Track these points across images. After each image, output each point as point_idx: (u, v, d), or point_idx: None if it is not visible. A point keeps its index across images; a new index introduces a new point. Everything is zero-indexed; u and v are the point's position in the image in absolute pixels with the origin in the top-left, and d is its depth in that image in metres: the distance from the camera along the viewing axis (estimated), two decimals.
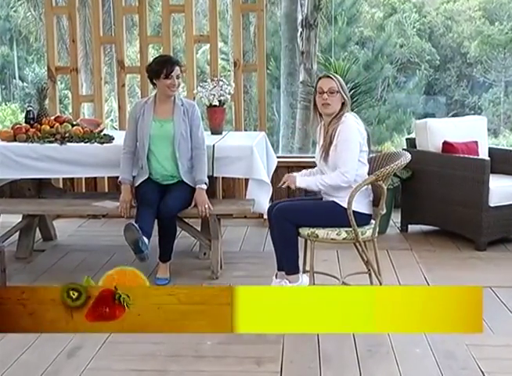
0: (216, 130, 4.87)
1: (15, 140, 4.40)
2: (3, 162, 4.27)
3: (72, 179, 5.67)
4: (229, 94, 4.88)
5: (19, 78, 13.63)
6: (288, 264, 3.59)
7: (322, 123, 3.67)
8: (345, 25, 12.21)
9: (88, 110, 8.25)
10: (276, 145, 10.04)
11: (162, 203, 3.94)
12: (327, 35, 11.56)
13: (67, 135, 4.41)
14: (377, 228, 3.55)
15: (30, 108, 4.77)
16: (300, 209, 3.59)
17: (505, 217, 4.70)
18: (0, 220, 4.45)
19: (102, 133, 4.56)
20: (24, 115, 4.79)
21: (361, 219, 3.48)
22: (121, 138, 4.21)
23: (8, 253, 4.17)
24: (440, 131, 5.02)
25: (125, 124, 4.93)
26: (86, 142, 4.39)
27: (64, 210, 4.47)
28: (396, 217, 5.25)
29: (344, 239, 3.49)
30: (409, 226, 5.21)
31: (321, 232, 3.47)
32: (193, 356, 3.04)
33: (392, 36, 12.97)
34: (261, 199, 4.26)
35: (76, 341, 3.16)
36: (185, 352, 3.07)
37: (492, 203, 4.62)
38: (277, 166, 4.89)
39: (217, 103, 4.82)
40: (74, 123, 4.69)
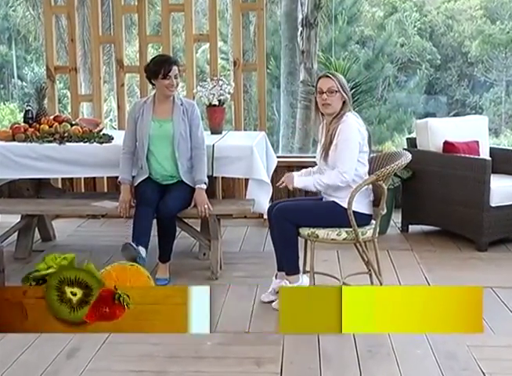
0: (216, 130, 4.86)
1: (13, 140, 4.39)
2: (2, 162, 4.26)
3: (71, 179, 5.66)
4: (229, 93, 4.87)
5: (17, 78, 13.61)
6: (288, 264, 3.58)
7: (324, 122, 3.65)
8: (346, 24, 12.19)
9: (87, 110, 8.23)
10: (276, 145, 10.02)
11: (162, 203, 3.92)
12: (327, 34, 11.54)
13: (66, 134, 4.40)
14: (378, 228, 3.54)
15: (28, 108, 4.76)
16: (300, 209, 3.57)
17: (506, 217, 4.68)
18: None
19: (101, 133, 4.55)
20: (23, 115, 4.78)
21: (361, 219, 3.46)
22: (121, 138, 4.20)
23: (6, 253, 4.17)
24: (441, 130, 5.00)
25: (124, 123, 4.92)
26: (85, 141, 4.38)
27: (63, 210, 4.45)
28: (397, 217, 5.23)
29: (345, 239, 3.48)
30: (410, 226, 5.20)
31: (321, 232, 3.46)
32: (193, 357, 3.03)
33: (393, 35, 12.94)
34: (261, 199, 4.25)
35: (75, 341, 3.15)
36: (184, 353, 3.06)
37: (493, 203, 4.60)
38: (277, 166, 4.88)
39: (216, 103, 4.81)
40: (73, 122, 4.67)
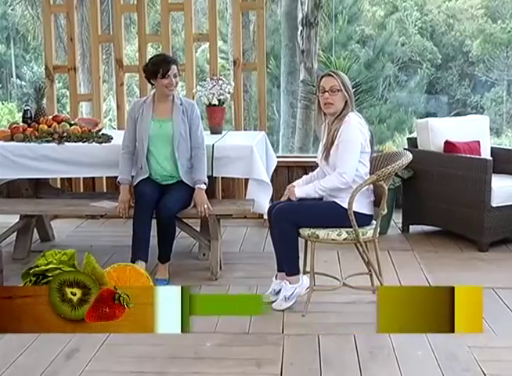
0: (216, 129, 4.84)
1: (12, 140, 4.38)
2: (0, 162, 4.25)
3: (70, 179, 5.64)
4: (229, 93, 4.85)
5: (16, 77, 13.60)
6: (288, 265, 3.56)
7: (326, 121, 3.63)
8: (346, 23, 12.18)
9: (86, 110, 8.22)
10: (276, 144, 10.01)
11: (161, 203, 3.90)
12: (328, 34, 11.52)
13: (65, 134, 4.39)
14: (378, 228, 3.52)
15: (27, 107, 4.75)
16: (300, 209, 3.55)
17: (507, 217, 4.66)
18: None
19: (100, 133, 4.53)
20: (22, 114, 4.76)
21: (362, 220, 3.45)
22: (120, 137, 4.18)
23: (5, 254, 4.17)
24: (441, 130, 4.98)
25: (124, 123, 4.90)
26: (84, 141, 4.36)
27: (62, 210, 4.43)
28: (397, 217, 5.22)
29: (345, 239, 3.46)
30: (411, 227, 5.18)
31: (321, 232, 3.44)
32: (193, 358, 3.01)
33: (393, 34, 12.92)
34: (261, 199, 4.23)
35: (74, 342, 3.13)
36: (184, 354, 3.04)
37: (495, 203, 4.58)
38: (277, 166, 4.88)
39: (216, 103, 4.79)
40: (72, 122, 4.66)
